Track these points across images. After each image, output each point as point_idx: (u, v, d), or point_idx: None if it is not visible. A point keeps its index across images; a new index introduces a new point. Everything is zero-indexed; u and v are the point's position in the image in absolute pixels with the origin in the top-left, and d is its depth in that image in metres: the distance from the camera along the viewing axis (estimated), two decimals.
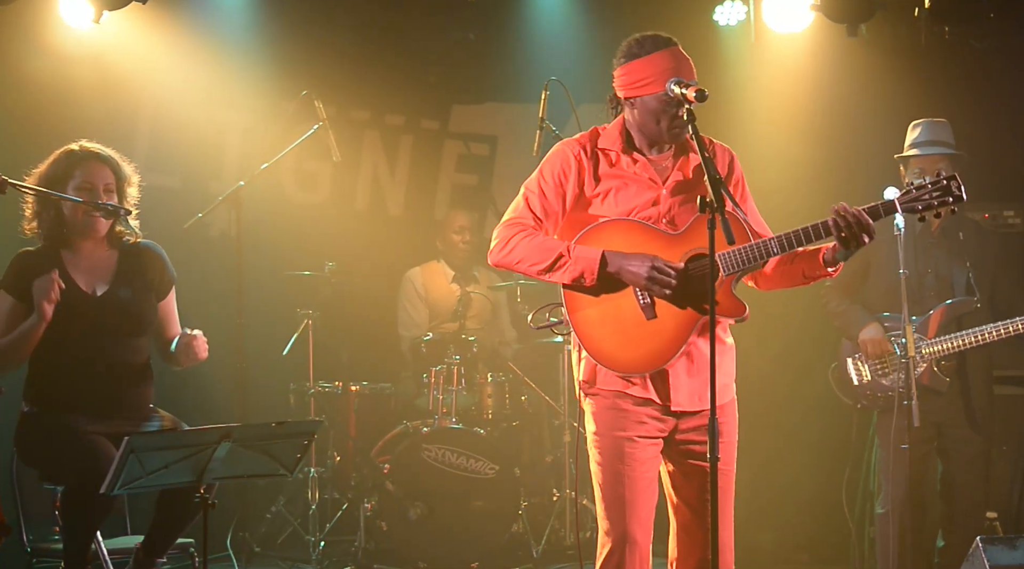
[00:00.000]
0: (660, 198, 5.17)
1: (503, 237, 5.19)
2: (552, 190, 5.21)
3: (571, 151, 5.24)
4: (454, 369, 8.98)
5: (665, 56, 5.10)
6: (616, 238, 5.11)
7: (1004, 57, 9.06)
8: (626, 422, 5.14)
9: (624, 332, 5.11)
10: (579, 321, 5.16)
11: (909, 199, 5.07)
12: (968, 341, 7.30)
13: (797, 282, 5.28)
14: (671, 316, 5.08)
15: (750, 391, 5.95)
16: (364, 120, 10.54)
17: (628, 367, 5.11)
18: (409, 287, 10.02)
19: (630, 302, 5.10)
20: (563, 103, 7.76)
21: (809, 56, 9.44)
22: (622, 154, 5.22)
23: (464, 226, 9.98)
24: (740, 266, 5.04)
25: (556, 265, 5.08)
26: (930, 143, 7.56)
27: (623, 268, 5.03)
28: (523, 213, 5.22)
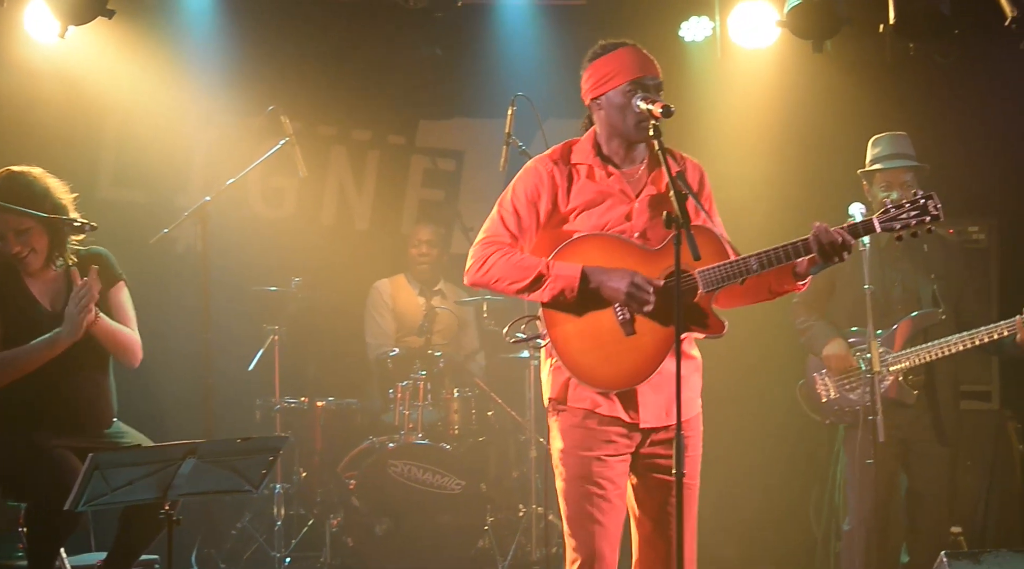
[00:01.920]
0: (633, 212, 5.18)
1: (480, 257, 5.18)
2: (526, 208, 5.21)
3: (543, 168, 5.24)
4: (420, 384, 8.98)
5: (628, 51, 5.17)
6: (594, 253, 5.10)
7: (969, 73, 9.11)
8: (594, 441, 5.14)
9: (603, 348, 5.11)
10: (558, 337, 5.15)
11: (887, 218, 5.11)
12: (934, 353, 7.33)
13: (762, 298, 5.31)
14: (650, 332, 5.08)
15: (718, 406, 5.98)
16: (331, 135, 10.52)
17: (607, 383, 5.12)
18: (377, 297, 10.01)
19: (609, 318, 5.10)
20: (529, 118, 7.77)
21: (775, 72, 9.47)
22: (596, 168, 5.23)
23: (423, 240, 9.93)
24: (719, 283, 5.06)
25: (536, 284, 5.07)
26: (893, 156, 7.60)
27: (603, 284, 5.02)
28: (498, 231, 5.21)
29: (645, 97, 5.03)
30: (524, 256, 5.16)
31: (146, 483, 5.56)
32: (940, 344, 7.33)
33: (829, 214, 5.27)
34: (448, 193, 10.85)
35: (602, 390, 5.12)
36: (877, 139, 7.73)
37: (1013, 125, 9.19)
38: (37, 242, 6.39)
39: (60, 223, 6.36)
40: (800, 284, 5.19)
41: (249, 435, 6.19)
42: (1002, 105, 9.23)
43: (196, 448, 5.56)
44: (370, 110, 10.45)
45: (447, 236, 10.28)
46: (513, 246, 5.19)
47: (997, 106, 9.26)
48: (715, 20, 9.44)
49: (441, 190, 10.87)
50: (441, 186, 10.87)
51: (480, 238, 5.24)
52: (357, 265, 10.25)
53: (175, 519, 5.70)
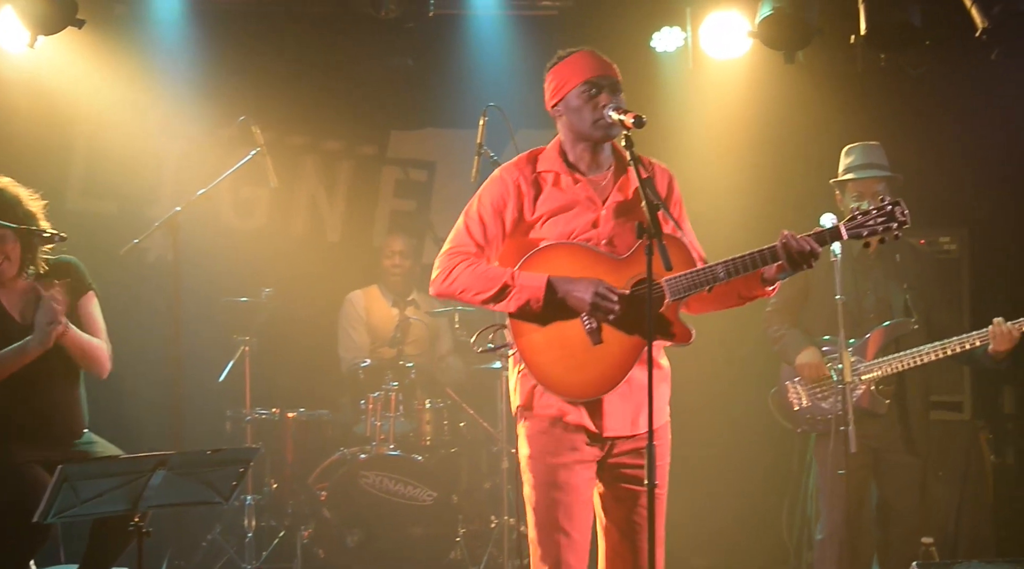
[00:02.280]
0: (600, 220, 5.18)
1: (445, 267, 5.19)
2: (491, 217, 5.21)
3: (509, 177, 5.25)
4: (392, 395, 8.96)
5: (581, 54, 5.21)
6: (561, 262, 5.10)
7: (940, 84, 9.15)
8: (560, 447, 5.14)
9: (571, 357, 5.10)
10: (525, 346, 5.15)
11: (854, 225, 5.11)
12: (906, 362, 7.34)
13: (731, 303, 5.30)
14: (617, 341, 5.08)
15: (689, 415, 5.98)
16: (302, 146, 10.50)
17: (575, 392, 5.11)
18: (351, 309, 9.98)
19: (576, 327, 5.09)
20: (501, 129, 7.76)
21: (747, 83, 9.49)
22: (562, 174, 5.23)
23: (395, 251, 9.93)
24: (686, 291, 5.05)
25: (501, 294, 5.07)
26: (865, 166, 7.61)
27: (569, 293, 5.02)
28: (464, 241, 5.22)
29: (617, 108, 5.04)
30: (489, 266, 5.17)
31: (116, 495, 5.54)
32: (912, 354, 7.34)
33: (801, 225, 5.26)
34: (420, 203, 10.83)
35: (570, 399, 5.12)
36: (850, 149, 7.75)
37: (984, 135, 9.24)
38: (11, 251, 6.38)
39: (31, 233, 6.34)
40: (769, 290, 5.18)
41: (220, 446, 6.19)
42: (973, 116, 9.27)
43: (166, 459, 5.55)
44: (341, 120, 10.43)
45: (419, 247, 10.26)
46: (479, 256, 5.19)
47: (968, 117, 9.30)
48: (687, 31, 9.45)
49: (413, 200, 10.85)
50: (413, 196, 10.85)
51: (445, 248, 5.24)
52: (328, 276, 10.23)
53: (145, 531, 5.69)
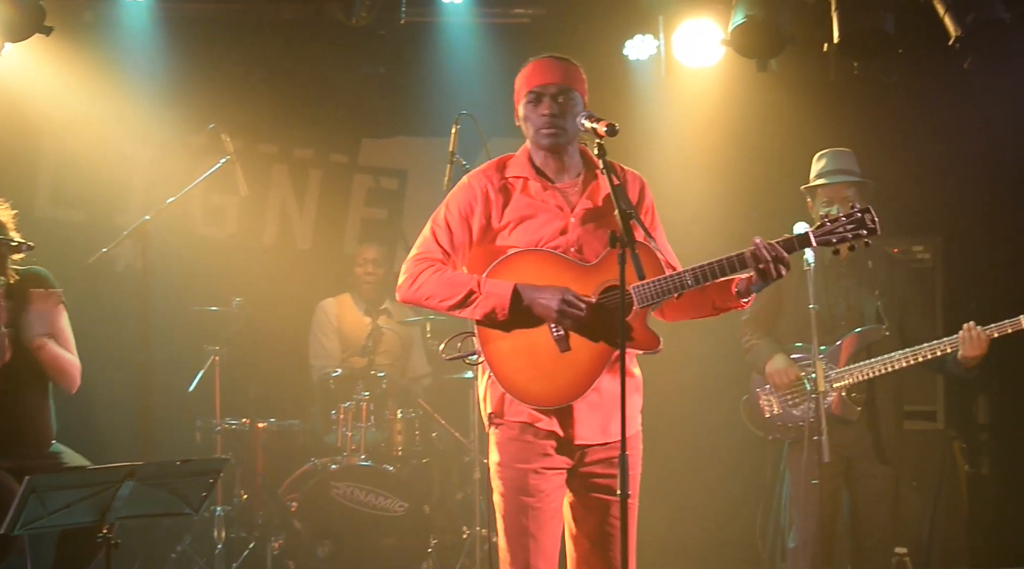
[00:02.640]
0: (568, 227, 5.19)
1: (411, 273, 5.20)
2: (458, 223, 5.23)
3: (477, 183, 5.27)
4: (363, 405, 8.96)
5: (531, 64, 5.26)
6: (528, 269, 5.12)
7: (913, 92, 9.16)
8: (530, 454, 5.15)
9: (538, 365, 5.11)
10: (492, 354, 5.16)
11: (824, 232, 5.12)
12: (877, 369, 7.35)
13: (706, 313, 5.31)
14: (585, 349, 5.09)
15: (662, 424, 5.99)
16: (272, 154, 10.50)
17: (542, 400, 5.12)
18: (322, 317, 9.99)
19: (544, 335, 5.11)
20: (473, 137, 7.76)
21: (720, 91, 9.50)
22: (531, 181, 5.24)
23: (368, 259, 9.94)
24: (654, 298, 5.06)
25: (467, 301, 5.09)
26: (836, 172, 7.63)
27: (535, 301, 5.04)
28: (430, 247, 5.23)
29: (590, 115, 5.05)
30: (456, 273, 5.19)
31: (84, 506, 5.52)
32: (883, 360, 7.35)
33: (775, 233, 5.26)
34: (391, 212, 10.83)
35: (537, 407, 5.13)
36: (821, 155, 7.77)
37: (958, 144, 9.27)
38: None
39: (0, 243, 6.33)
40: (744, 302, 5.20)
41: (189, 457, 6.16)
42: (946, 124, 9.30)
43: (135, 470, 5.52)
44: (312, 128, 10.44)
45: (391, 255, 10.26)
46: (445, 263, 5.21)
47: (941, 125, 9.33)
48: (659, 39, 9.45)
49: (384, 209, 10.85)
50: (384, 205, 10.85)
51: (412, 254, 5.26)
52: (298, 285, 10.23)
53: (113, 542, 5.66)
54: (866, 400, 7.47)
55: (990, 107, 9.03)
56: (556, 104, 5.15)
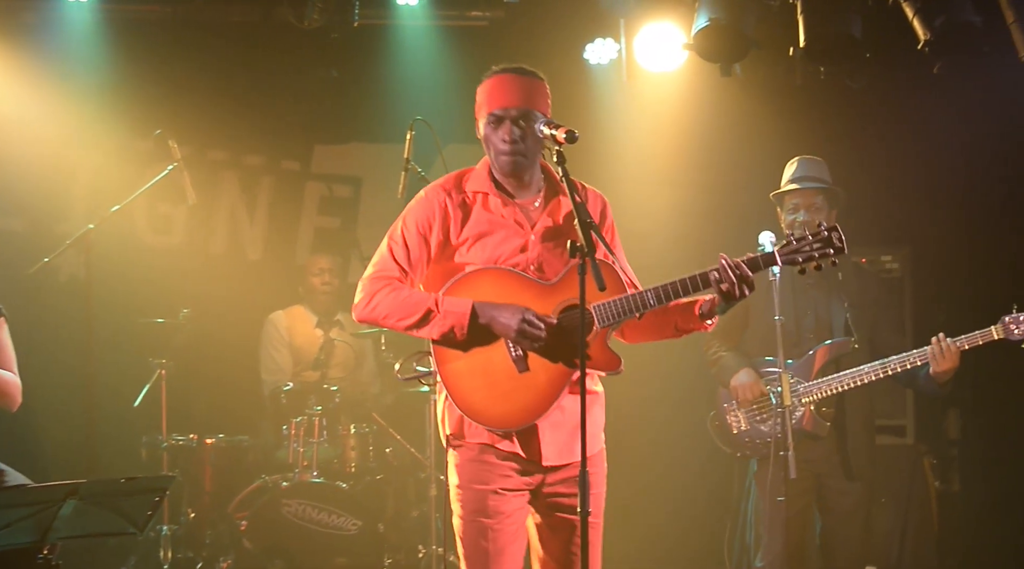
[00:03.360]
0: (528, 244, 5.19)
1: (367, 292, 5.18)
2: (416, 240, 5.20)
3: (435, 198, 5.24)
4: (315, 420, 8.94)
5: (492, 81, 5.21)
6: (487, 287, 5.11)
7: (881, 98, 9.19)
8: (491, 475, 5.13)
9: (495, 385, 5.10)
10: (448, 373, 5.14)
11: (789, 251, 5.14)
12: (846, 383, 7.34)
13: (668, 335, 5.33)
14: (543, 369, 5.09)
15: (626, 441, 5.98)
16: (221, 160, 10.48)
17: (499, 422, 5.10)
18: (272, 330, 9.97)
19: (502, 354, 5.10)
20: (429, 143, 7.78)
21: (683, 96, 9.52)
22: (491, 196, 5.23)
23: (325, 268, 9.95)
24: (615, 318, 5.07)
25: (425, 320, 5.07)
26: (805, 178, 7.63)
27: (494, 320, 5.03)
28: (387, 265, 5.21)
29: (549, 122, 5.04)
30: (413, 291, 5.17)
31: (24, 525, 5.47)
32: (852, 374, 7.34)
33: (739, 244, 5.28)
34: (345, 221, 10.83)
35: (495, 429, 5.11)
36: (792, 161, 7.78)
37: (926, 151, 9.29)
38: None
39: None
40: (706, 324, 5.21)
41: (134, 474, 6.14)
42: (915, 131, 9.33)
43: (77, 488, 5.48)
44: (263, 134, 10.42)
45: (345, 265, 10.25)
46: (402, 280, 5.19)
47: (910, 132, 9.36)
48: (620, 42, 9.49)
49: (337, 218, 10.84)
50: (337, 213, 10.84)
51: (368, 272, 5.24)
52: (249, 296, 10.21)
53: (55, 564, 5.63)
54: (835, 415, 7.47)
55: (960, 113, 9.07)
56: (518, 128, 5.14)
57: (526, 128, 5.13)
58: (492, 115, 5.16)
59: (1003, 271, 9.09)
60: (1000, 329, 7.05)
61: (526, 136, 5.14)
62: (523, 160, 5.17)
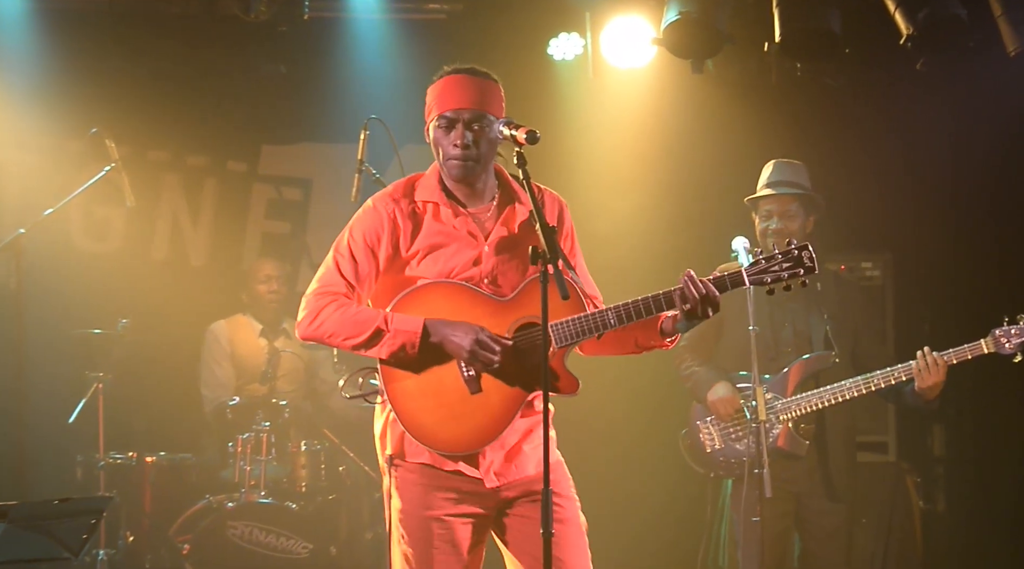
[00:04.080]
0: (482, 256, 5.14)
1: (312, 308, 5.11)
2: (363, 253, 5.14)
3: (383, 208, 5.17)
4: (263, 437, 8.90)
5: (444, 81, 5.15)
6: (438, 303, 5.07)
7: (861, 96, 9.23)
8: (435, 499, 5.08)
9: (446, 407, 5.06)
10: (396, 393, 5.09)
11: (757, 271, 5.11)
12: (827, 399, 7.34)
13: (628, 351, 5.30)
14: (497, 391, 5.05)
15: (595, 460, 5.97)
16: (162, 161, 10.42)
17: (449, 445, 5.06)
18: (213, 342, 9.91)
19: (453, 374, 5.06)
20: (384, 144, 7.73)
21: (652, 94, 9.53)
22: (442, 206, 5.19)
23: (271, 275, 9.89)
24: (573, 338, 5.02)
25: (374, 340, 5.01)
26: (781, 183, 7.62)
27: (446, 339, 4.98)
28: (333, 279, 5.14)
29: (509, 122, 5.01)
30: (360, 308, 5.11)
31: None
32: (833, 390, 7.33)
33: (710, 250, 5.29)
34: (294, 225, 10.80)
35: (444, 453, 5.07)
36: (769, 164, 7.77)
37: (909, 152, 9.33)
38: None
39: None
40: (668, 342, 5.19)
41: (68, 496, 6.10)
42: (897, 130, 9.36)
43: (7, 511, 5.45)
44: (207, 133, 10.35)
45: (294, 273, 10.23)
46: (349, 296, 5.12)
47: (892, 131, 9.39)
48: (586, 37, 9.46)
49: (286, 222, 10.82)
50: (286, 218, 10.82)
51: (313, 288, 5.17)
52: (192, 305, 10.11)
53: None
54: (815, 432, 7.47)
55: (945, 111, 9.11)
56: (470, 132, 5.09)
57: (479, 132, 5.09)
58: (443, 118, 5.10)
59: (991, 278, 9.11)
60: (991, 343, 7.06)
61: (479, 140, 5.08)
62: (475, 166, 5.11)
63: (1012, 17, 7.94)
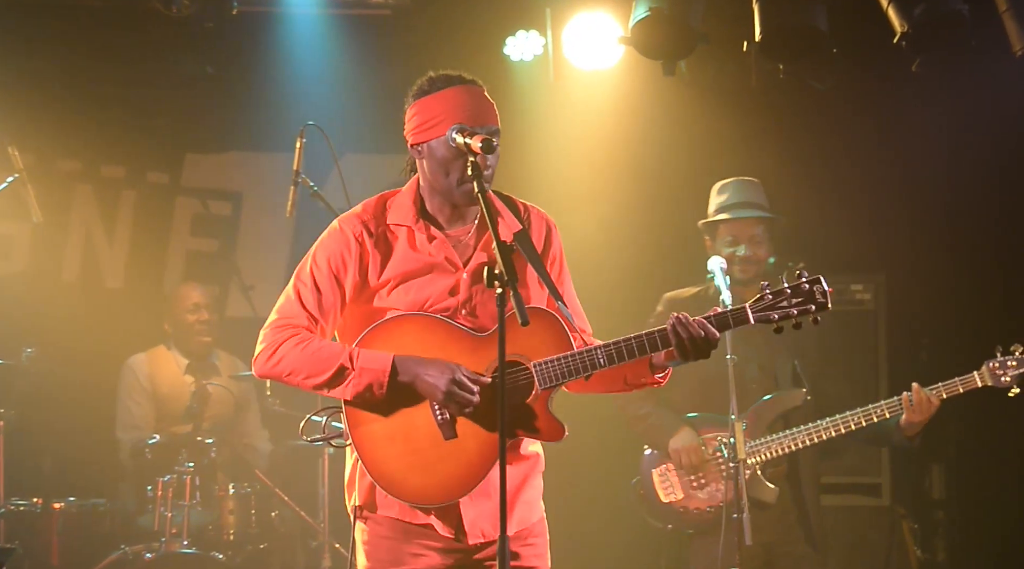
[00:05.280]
0: (459, 285, 5.07)
1: (271, 343, 5.04)
2: (327, 281, 5.07)
3: (351, 231, 5.10)
4: (186, 479, 8.83)
5: (459, 92, 5.01)
6: (410, 338, 5.00)
7: (850, 101, 9.25)
8: (404, 556, 5.04)
9: (416, 453, 4.99)
10: (362, 437, 5.02)
11: (763, 307, 5.01)
12: (800, 440, 7.34)
13: (618, 388, 5.25)
14: (474, 436, 4.98)
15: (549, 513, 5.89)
16: (74, 172, 10.46)
17: (419, 496, 5.01)
18: (131, 378, 9.86)
19: (425, 417, 4.99)
20: (323, 153, 7.70)
21: (619, 98, 9.56)
22: (416, 231, 5.10)
23: (199, 303, 9.83)
24: (559, 379, 4.97)
25: (338, 379, 4.94)
26: (741, 205, 7.64)
27: (419, 378, 4.92)
28: (293, 311, 5.08)
29: (462, 129, 4.92)
30: (323, 343, 5.02)
31: None
32: (807, 430, 7.34)
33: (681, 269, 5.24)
34: (223, 243, 10.80)
35: (415, 505, 5.01)
36: (723, 186, 7.82)
37: (903, 162, 9.36)
38: None
39: None
40: (659, 377, 5.15)
41: None
42: (890, 138, 9.40)
43: None
44: (124, 141, 10.43)
45: (222, 297, 10.17)
46: (311, 329, 5.05)
47: (884, 139, 9.43)
48: (547, 36, 9.47)
49: (214, 240, 10.82)
50: (214, 235, 10.82)
51: (272, 319, 5.10)
52: (108, 332, 10.11)
53: None
54: (787, 474, 7.50)
55: (942, 117, 9.13)
56: (494, 156, 5.02)
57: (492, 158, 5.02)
58: (475, 135, 4.91)
59: (995, 302, 9.17)
60: (986, 375, 7.06)
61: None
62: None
63: (1019, 13, 7.90)
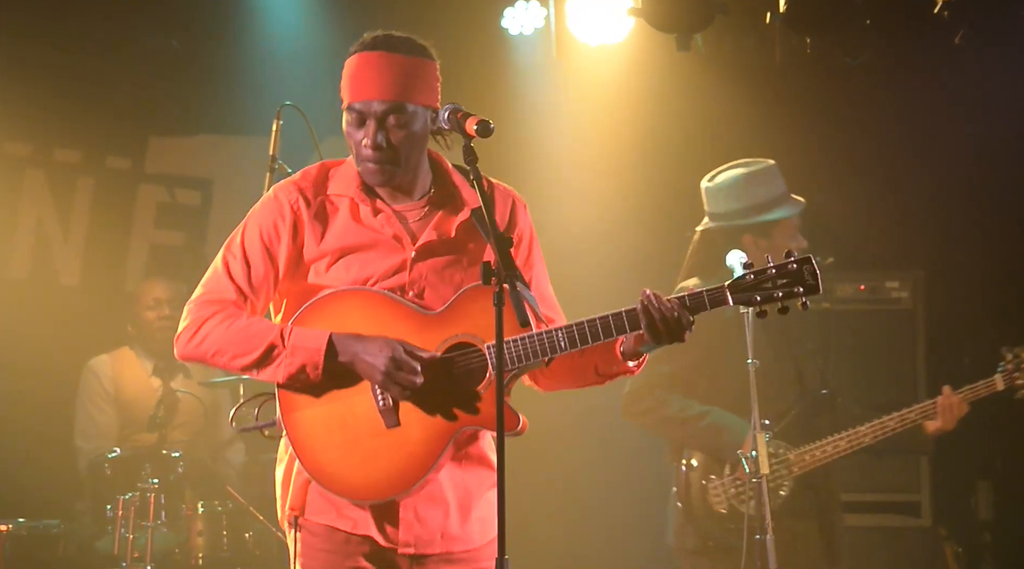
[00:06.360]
0: (406, 263, 5.03)
1: (194, 319, 4.99)
2: (259, 253, 5.04)
3: (287, 198, 5.07)
4: (151, 497, 8.76)
5: (358, 59, 4.99)
6: (351, 316, 4.96)
7: (883, 78, 9.21)
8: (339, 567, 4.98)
9: (355, 442, 4.93)
10: (295, 424, 4.96)
11: (744, 287, 4.88)
12: (842, 447, 7.35)
13: (589, 380, 5.17)
14: (419, 424, 4.91)
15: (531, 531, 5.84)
16: (23, 156, 10.44)
17: (358, 490, 4.94)
18: (92, 381, 9.86)
19: (366, 403, 4.92)
20: (302, 135, 7.63)
21: (628, 74, 9.59)
22: (360, 202, 5.03)
23: (162, 299, 9.83)
24: (515, 363, 4.91)
25: (267, 359, 4.90)
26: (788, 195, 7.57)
27: (357, 357, 4.87)
28: (221, 285, 5.03)
29: (455, 109, 4.87)
30: (252, 320, 4.99)
31: None
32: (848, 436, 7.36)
33: None
34: (191, 235, 10.83)
35: (352, 500, 4.95)
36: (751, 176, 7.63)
37: (943, 147, 9.29)
38: None
39: None
40: (631, 366, 5.05)
41: None
42: (929, 119, 9.35)
43: None
44: (80, 123, 10.37)
45: (190, 294, 10.10)
46: (240, 306, 5.01)
47: (922, 121, 9.37)
48: (548, 7, 9.49)
49: (181, 232, 10.85)
50: (181, 226, 10.85)
51: (197, 294, 5.06)
52: (63, 335, 10.10)
53: None
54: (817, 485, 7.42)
55: (988, 96, 9.08)
56: (384, 130, 4.93)
57: (396, 128, 4.91)
58: (351, 109, 4.94)
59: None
60: (1002, 379, 7.14)
61: (398, 139, 4.92)
62: (394, 170, 4.96)
63: None
